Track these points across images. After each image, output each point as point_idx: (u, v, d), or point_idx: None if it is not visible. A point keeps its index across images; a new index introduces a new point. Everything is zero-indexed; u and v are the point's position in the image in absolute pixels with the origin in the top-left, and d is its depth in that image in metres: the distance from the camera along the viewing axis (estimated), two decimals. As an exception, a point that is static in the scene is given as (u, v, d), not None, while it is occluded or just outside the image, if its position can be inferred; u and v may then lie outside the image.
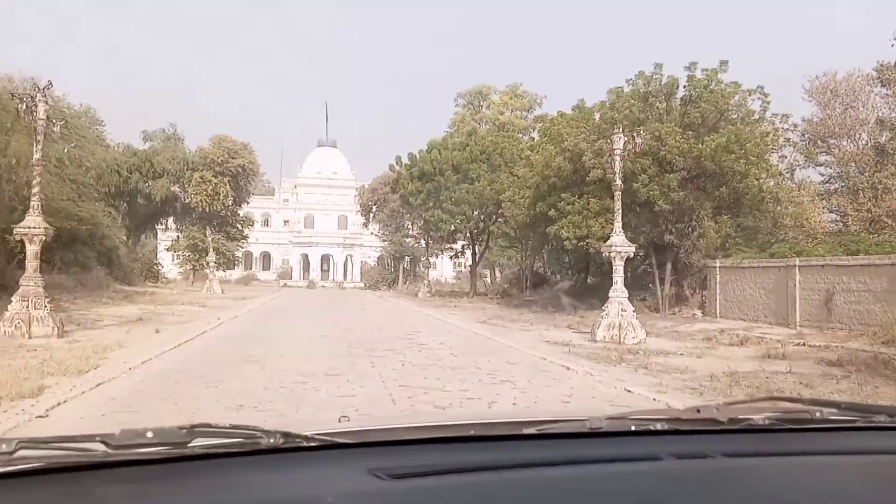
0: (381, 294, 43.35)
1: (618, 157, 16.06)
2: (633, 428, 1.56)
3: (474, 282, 38.94)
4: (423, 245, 51.24)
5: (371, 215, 53.00)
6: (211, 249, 39.43)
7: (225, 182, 45.44)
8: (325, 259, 75.66)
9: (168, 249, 50.97)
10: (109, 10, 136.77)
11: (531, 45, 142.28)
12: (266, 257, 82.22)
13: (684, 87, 23.61)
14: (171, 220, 49.92)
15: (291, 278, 71.53)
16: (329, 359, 11.19)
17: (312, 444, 1.34)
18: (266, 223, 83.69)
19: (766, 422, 1.59)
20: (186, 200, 45.33)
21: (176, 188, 45.67)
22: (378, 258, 79.10)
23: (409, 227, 50.77)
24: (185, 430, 1.26)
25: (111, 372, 9.23)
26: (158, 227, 51.11)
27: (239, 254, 75.28)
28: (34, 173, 15.52)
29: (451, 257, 42.18)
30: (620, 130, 16.37)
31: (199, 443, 1.26)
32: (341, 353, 12.18)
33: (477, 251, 38.89)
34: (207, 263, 39.61)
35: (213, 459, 1.26)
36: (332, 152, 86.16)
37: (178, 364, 10.40)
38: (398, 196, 37.83)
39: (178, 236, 49.04)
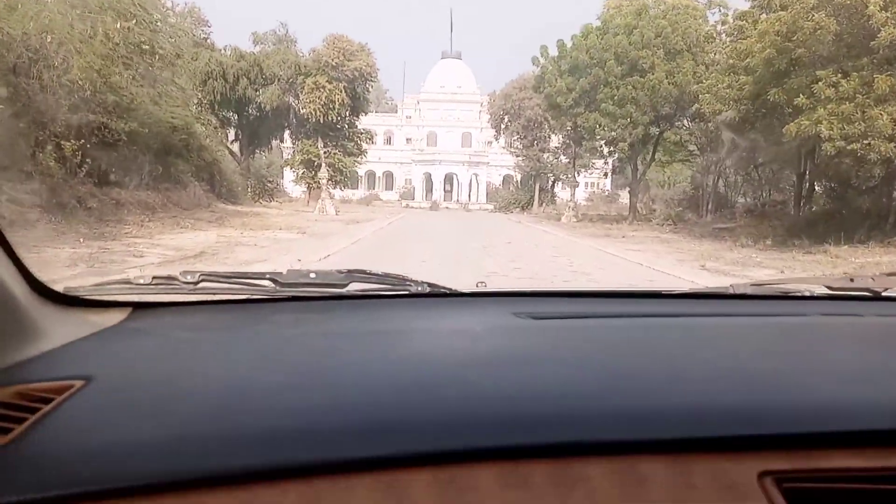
0: (518, 218, 35.80)
1: None
2: (779, 293, 1.48)
3: (635, 204, 30.62)
4: (564, 160, 43.00)
5: (503, 126, 45.00)
6: (324, 165, 33.16)
7: (340, 88, 38.74)
8: (449, 178, 68.93)
9: (284, 166, 45.51)
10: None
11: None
12: (389, 177, 76.75)
13: None
14: (286, 133, 44.25)
15: (413, 199, 65.46)
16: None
17: (456, 293, 1.39)
18: (388, 141, 78.03)
19: None
20: (301, 110, 39.23)
21: (289, 97, 39.63)
22: (503, 178, 71.62)
23: (549, 137, 42.55)
24: (343, 274, 1.33)
25: None
26: (275, 140, 45.51)
27: (360, 171, 70.30)
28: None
29: (606, 173, 33.72)
30: None
31: (355, 286, 1.33)
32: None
33: (639, 165, 30.38)
34: (320, 181, 33.45)
35: (367, 300, 1.33)
36: (457, 64, 78.50)
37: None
38: (543, 97, 29.64)
39: (293, 151, 43.31)
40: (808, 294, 1.48)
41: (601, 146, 30.64)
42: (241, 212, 28.45)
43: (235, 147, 43.77)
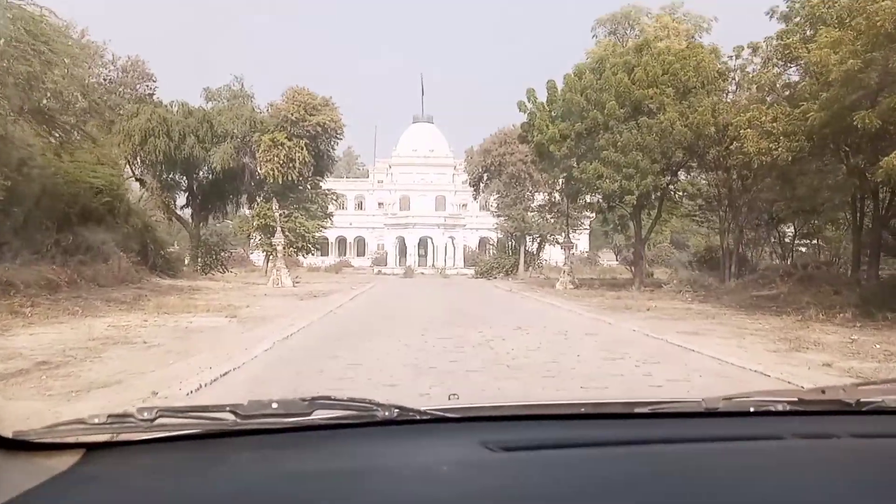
0: (505, 285, 30.80)
1: None
2: (751, 409, 1.44)
3: (641, 267, 26.00)
4: (550, 219, 38.59)
5: (482, 185, 40.64)
6: (279, 229, 28.17)
7: (302, 146, 34.29)
8: (423, 243, 64.42)
9: (236, 233, 40.40)
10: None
11: None
12: (360, 242, 72.16)
13: None
14: (244, 196, 39.34)
15: (386, 264, 60.58)
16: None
17: (425, 417, 1.31)
18: (360, 206, 73.83)
19: None
20: (258, 170, 34.54)
21: (245, 156, 34.94)
22: (480, 240, 67.27)
23: (533, 195, 38.27)
24: (306, 402, 1.27)
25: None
26: (231, 205, 40.44)
27: (330, 237, 65.35)
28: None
29: (610, 227, 29.13)
30: None
31: (319, 414, 1.26)
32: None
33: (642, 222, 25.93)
34: (273, 247, 28.39)
35: (333, 430, 1.28)
36: (429, 128, 75.45)
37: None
38: (532, 147, 25.25)
39: (249, 215, 38.39)
40: (780, 410, 1.40)
41: (598, 201, 26.23)
42: (176, 287, 23.28)
43: (188, 213, 38.86)
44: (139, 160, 33.70)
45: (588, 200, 26.08)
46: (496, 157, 37.59)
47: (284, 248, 35.27)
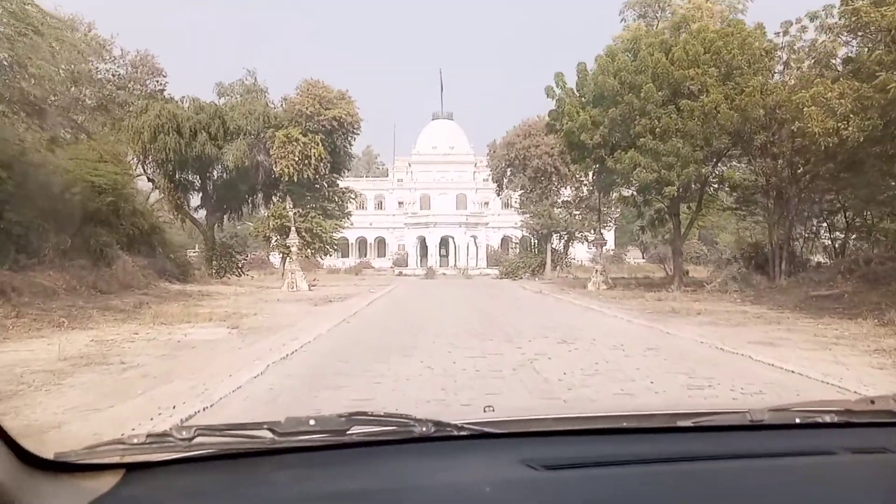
0: (533, 286, 28.92)
1: None
2: (797, 420, 1.39)
3: (679, 265, 24.04)
4: (577, 215, 36.65)
5: (505, 180, 38.77)
6: (293, 229, 26.62)
7: (317, 141, 32.74)
8: (444, 242, 62.70)
9: (252, 233, 38.96)
10: None
11: None
12: (381, 243, 70.78)
13: None
14: (260, 195, 37.87)
15: (407, 265, 58.99)
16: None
17: (463, 433, 1.30)
18: (380, 206, 72.39)
19: None
20: (272, 167, 33.07)
21: (259, 153, 33.46)
22: (502, 239, 65.39)
23: (559, 189, 36.36)
24: (343, 419, 1.27)
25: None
26: (247, 205, 38.98)
27: (350, 238, 63.90)
28: None
29: (643, 226, 27.15)
30: None
31: (356, 430, 1.26)
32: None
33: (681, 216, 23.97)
34: (289, 248, 26.83)
35: (370, 447, 1.27)
36: (449, 125, 73.73)
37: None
38: (561, 136, 23.40)
39: (265, 215, 36.94)
40: (829, 421, 1.35)
41: (633, 194, 24.32)
42: (185, 293, 21.86)
43: (204, 214, 37.52)
44: (150, 159, 32.35)
45: (622, 194, 24.13)
46: (520, 151, 35.70)
47: (300, 249, 33.87)
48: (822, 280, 19.41)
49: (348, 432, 1.26)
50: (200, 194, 36.47)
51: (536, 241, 39.77)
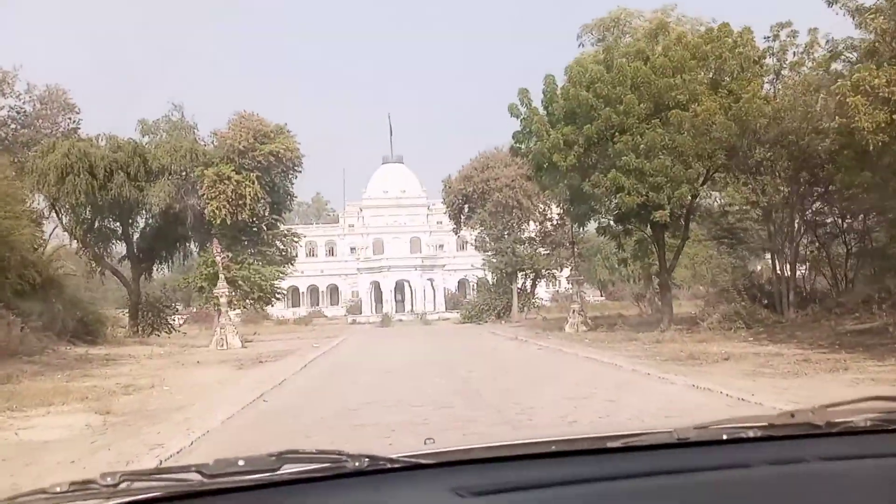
0: (507, 332, 25.30)
1: None
2: (724, 437, 1.41)
3: (669, 302, 20.97)
4: (542, 252, 33.57)
5: (462, 217, 35.55)
6: (221, 277, 22.69)
7: (252, 179, 29.11)
8: (400, 287, 59.17)
9: (181, 285, 34.61)
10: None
11: None
12: (333, 290, 66.92)
13: None
14: (193, 244, 33.68)
15: (361, 312, 54.99)
16: None
17: (396, 465, 1.29)
18: (331, 252, 68.85)
19: (868, 423, 1.40)
20: (203, 210, 29.19)
21: (189, 196, 29.51)
22: (459, 282, 62.17)
23: (522, 225, 33.29)
24: (273, 457, 1.24)
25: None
26: (177, 253, 34.67)
27: (294, 284, 59.57)
28: None
29: (623, 259, 24.04)
30: None
31: (287, 469, 1.23)
32: None
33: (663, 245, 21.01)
34: (217, 299, 22.82)
35: (302, 484, 1.25)
36: (399, 169, 71.22)
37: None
38: (528, 160, 20.28)
39: (196, 264, 32.76)
40: (751, 436, 1.38)
41: (609, 223, 21.31)
42: (86, 357, 17.73)
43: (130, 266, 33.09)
44: (61, 203, 28.11)
45: (600, 223, 21.09)
46: (479, 184, 32.62)
47: (237, 300, 29.89)
48: (841, 313, 16.60)
49: (279, 471, 1.21)
50: (125, 243, 32.18)
51: (497, 282, 36.50)
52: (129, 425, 7.70)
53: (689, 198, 17.78)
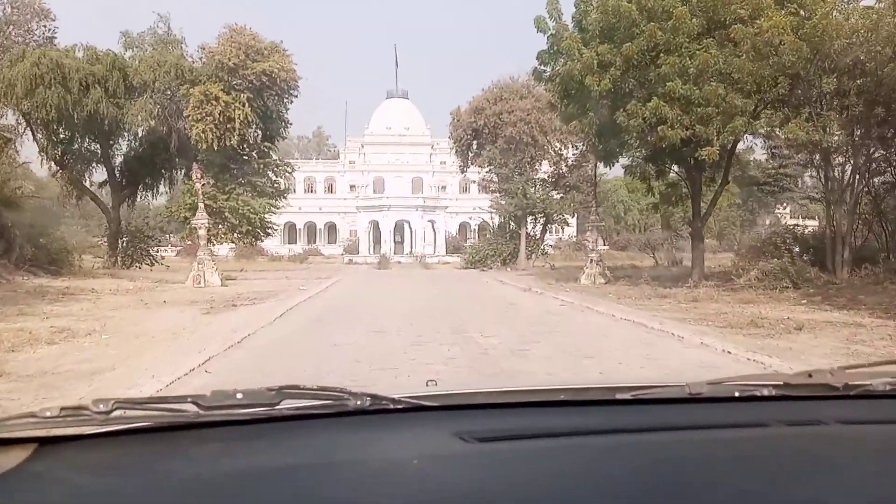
0: (516, 280, 22.89)
1: None
2: (737, 394, 1.36)
3: (701, 254, 18.57)
4: (556, 195, 30.99)
5: (471, 154, 32.80)
6: (200, 206, 20.15)
7: (243, 101, 26.32)
8: (399, 228, 56.64)
9: (165, 215, 32.13)
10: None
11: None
12: (331, 229, 64.63)
13: None
14: (180, 170, 31.00)
15: (358, 252, 52.73)
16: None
17: (399, 406, 1.26)
18: (330, 189, 66.26)
19: (887, 387, 1.34)
20: (188, 133, 26.50)
21: (176, 120, 26.75)
22: (460, 225, 59.70)
23: (536, 164, 30.64)
24: (273, 392, 1.20)
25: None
26: (163, 180, 31.98)
27: (291, 220, 57.21)
28: None
29: (655, 204, 21.47)
30: None
31: (287, 404, 1.20)
32: None
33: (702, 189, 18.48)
34: (196, 230, 20.38)
35: (301, 420, 1.22)
36: (404, 104, 67.90)
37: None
38: (554, 84, 17.54)
39: (181, 192, 30.22)
40: (766, 395, 1.34)
41: (642, 163, 18.72)
42: (40, 290, 15.54)
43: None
44: (31, 118, 25.35)
45: (633, 161, 18.47)
46: (491, 117, 29.75)
47: (224, 233, 27.54)
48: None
49: (278, 406, 1.18)
50: (105, 167, 29.54)
51: (500, 225, 33.97)
52: (11, 399, 5.34)
53: (743, 133, 15.08)
